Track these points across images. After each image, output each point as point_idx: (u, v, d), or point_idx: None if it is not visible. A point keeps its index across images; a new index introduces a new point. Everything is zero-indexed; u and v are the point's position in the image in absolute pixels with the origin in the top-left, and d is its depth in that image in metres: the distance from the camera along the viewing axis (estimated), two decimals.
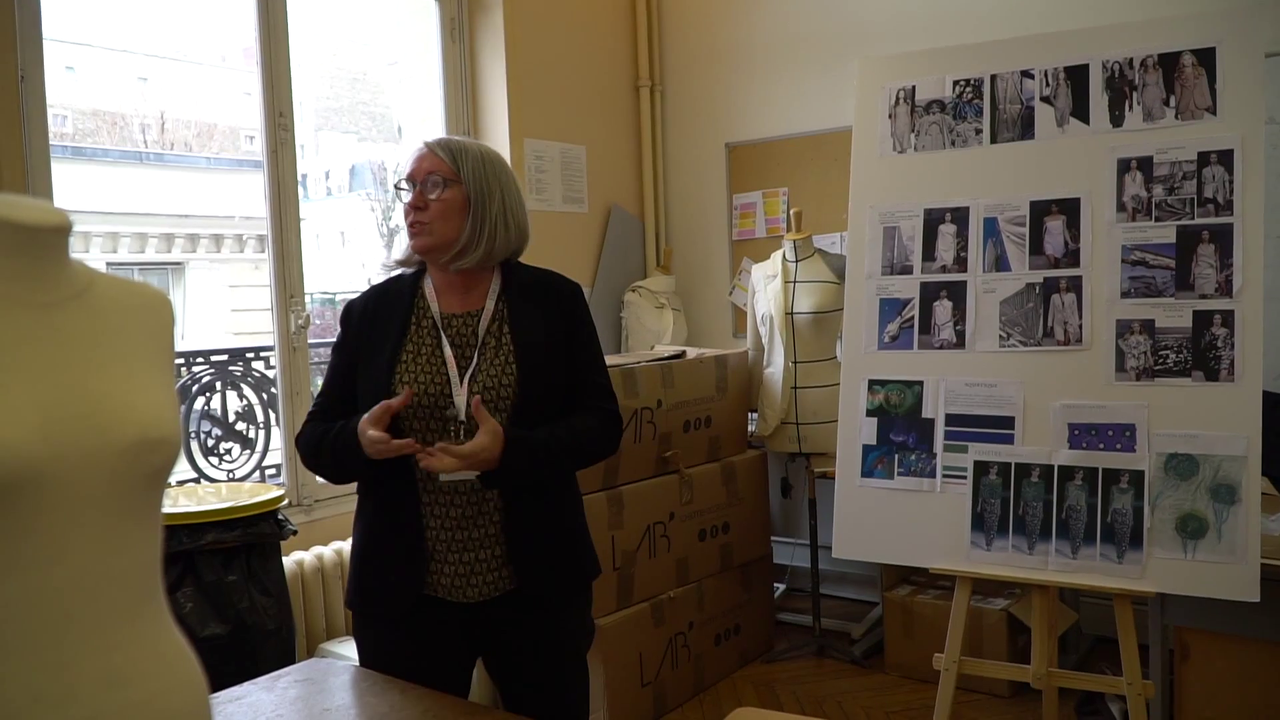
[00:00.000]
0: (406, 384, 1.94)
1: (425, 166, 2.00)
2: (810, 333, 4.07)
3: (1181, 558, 2.50)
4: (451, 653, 2.04)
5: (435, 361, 1.98)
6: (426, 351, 1.99)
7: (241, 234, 9.33)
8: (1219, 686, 2.67)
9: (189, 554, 2.79)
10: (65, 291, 1.11)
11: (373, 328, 2.04)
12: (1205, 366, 2.55)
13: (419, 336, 2.01)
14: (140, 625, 1.12)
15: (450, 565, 1.97)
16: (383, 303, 2.07)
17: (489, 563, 1.97)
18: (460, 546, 1.96)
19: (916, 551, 2.82)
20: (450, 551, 1.96)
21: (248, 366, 3.87)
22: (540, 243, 4.76)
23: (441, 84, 4.54)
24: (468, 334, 2.01)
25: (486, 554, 1.97)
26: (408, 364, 1.97)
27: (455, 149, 2.02)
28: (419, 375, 1.96)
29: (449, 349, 1.98)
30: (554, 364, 2.02)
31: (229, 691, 1.85)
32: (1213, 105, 2.62)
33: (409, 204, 2.00)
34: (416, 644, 1.99)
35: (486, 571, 1.97)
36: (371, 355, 2.01)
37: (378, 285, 2.14)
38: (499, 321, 2.02)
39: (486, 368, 1.97)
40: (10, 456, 0.98)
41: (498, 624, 2.02)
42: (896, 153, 2.99)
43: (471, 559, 1.97)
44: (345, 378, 2.06)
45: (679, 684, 3.77)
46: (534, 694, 2.04)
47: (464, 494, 1.96)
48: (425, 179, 1.99)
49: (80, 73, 8.96)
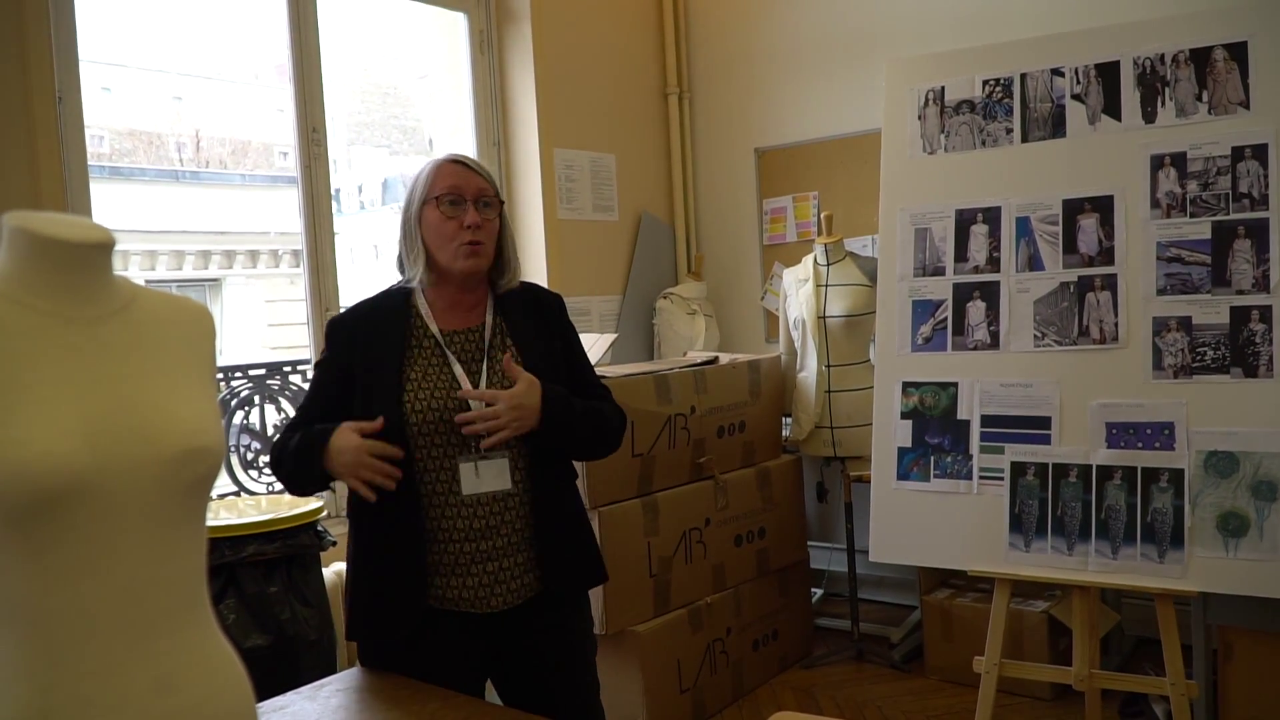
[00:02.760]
0: (420, 402, 1.93)
1: (476, 184, 1.99)
2: (843, 336, 4.06)
3: (1223, 556, 2.48)
4: (465, 668, 2.01)
5: (445, 378, 1.96)
6: (435, 370, 1.97)
7: (277, 249, 9.41)
8: (1263, 685, 2.64)
9: (231, 566, 2.82)
10: (109, 306, 1.14)
11: (369, 347, 1.99)
12: (1244, 363, 2.52)
13: (422, 355, 1.98)
14: (187, 632, 1.14)
15: (473, 577, 1.95)
16: (374, 321, 2.03)
17: (512, 570, 1.98)
18: (484, 557, 1.95)
19: (954, 554, 2.80)
20: (473, 563, 1.95)
21: (285, 380, 3.91)
22: (571, 252, 4.82)
23: (471, 96, 4.57)
24: (472, 349, 2.02)
25: (510, 561, 1.98)
26: (416, 382, 1.95)
27: (487, 172, 2.04)
28: (433, 391, 1.94)
29: (457, 365, 1.98)
30: (558, 373, 2.06)
31: (272, 701, 1.87)
32: (1246, 99, 2.60)
33: (469, 222, 1.96)
34: (430, 662, 1.97)
35: (510, 579, 1.98)
36: (373, 374, 1.96)
37: (364, 302, 2.09)
38: (500, 335, 2.04)
39: (501, 380, 1.98)
40: (57, 467, 1.01)
41: (518, 631, 2.02)
42: (927, 154, 2.99)
43: (495, 568, 1.96)
44: (330, 395, 2.00)
45: (718, 690, 3.76)
46: (551, 702, 2.02)
47: (485, 504, 1.95)
48: (477, 196, 1.99)
49: (116, 93, 9.09)
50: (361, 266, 9.57)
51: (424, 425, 1.92)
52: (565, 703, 2.04)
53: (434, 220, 1.99)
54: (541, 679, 2.05)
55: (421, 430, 1.92)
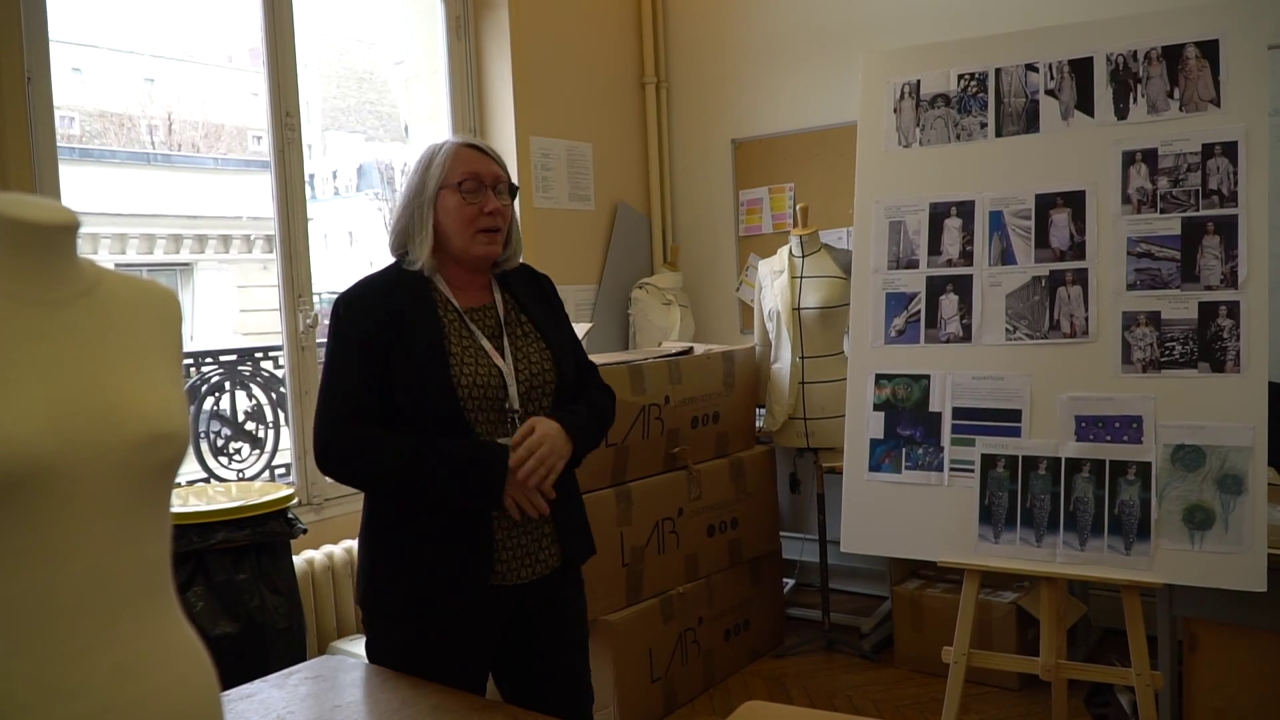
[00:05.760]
0: (466, 376, 1.93)
1: (494, 170, 2.02)
2: (817, 328, 4.07)
3: (1189, 549, 2.50)
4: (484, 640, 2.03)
5: (479, 353, 1.98)
6: (468, 344, 1.97)
7: (249, 234, 9.34)
8: (1227, 677, 2.67)
9: (199, 553, 2.80)
10: (73, 289, 1.12)
11: (397, 321, 1.95)
12: (1211, 358, 2.55)
13: (453, 330, 1.98)
14: (151, 618, 1.13)
15: (508, 550, 1.99)
16: (393, 296, 1.98)
17: (540, 541, 2.03)
18: (519, 530, 2.00)
19: (924, 545, 2.82)
20: (509, 537, 1.99)
21: (256, 366, 3.88)
22: (547, 241, 4.81)
23: (448, 82, 4.55)
24: (491, 325, 2.04)
25: (537, 533, 2.03)
26: (459, 356, 1.94)
27: (500, 158, 2.07)
28: (476, 366, 1.95)
29: (484, 339, 2.00)
30: (566, 346, 2.13)
31: (240, 689, 1.86)
32: (1217, 97, 2.62)
33: (490, 209, 1.99)
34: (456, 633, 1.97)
35: (539, 551, 2.03)
36: (410, 349, 1.93)
37: (374, 278, 2.04)
38: (514, 311, 2.09)
39: (524, 356, 2.02)
40: (20, 451, 0.99)
41: (539, 603, 2.06)
42: (902, 147, 2.99)
43: (528, 541, 2.01)
44: (373, 374, 1.93)
45: (689, 679, 3.77)
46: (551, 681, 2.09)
47: None
48: (495, 183, 2.02)
49: (87, 74, 8.98)
50: (335, 253, 9.51)
51: (472, 399, 1.94)
52: (561, 682, 2.11)
53: (452, 205, 1.99)
54: (540, 656, 2.10)
55: (469, 405, 1.93)
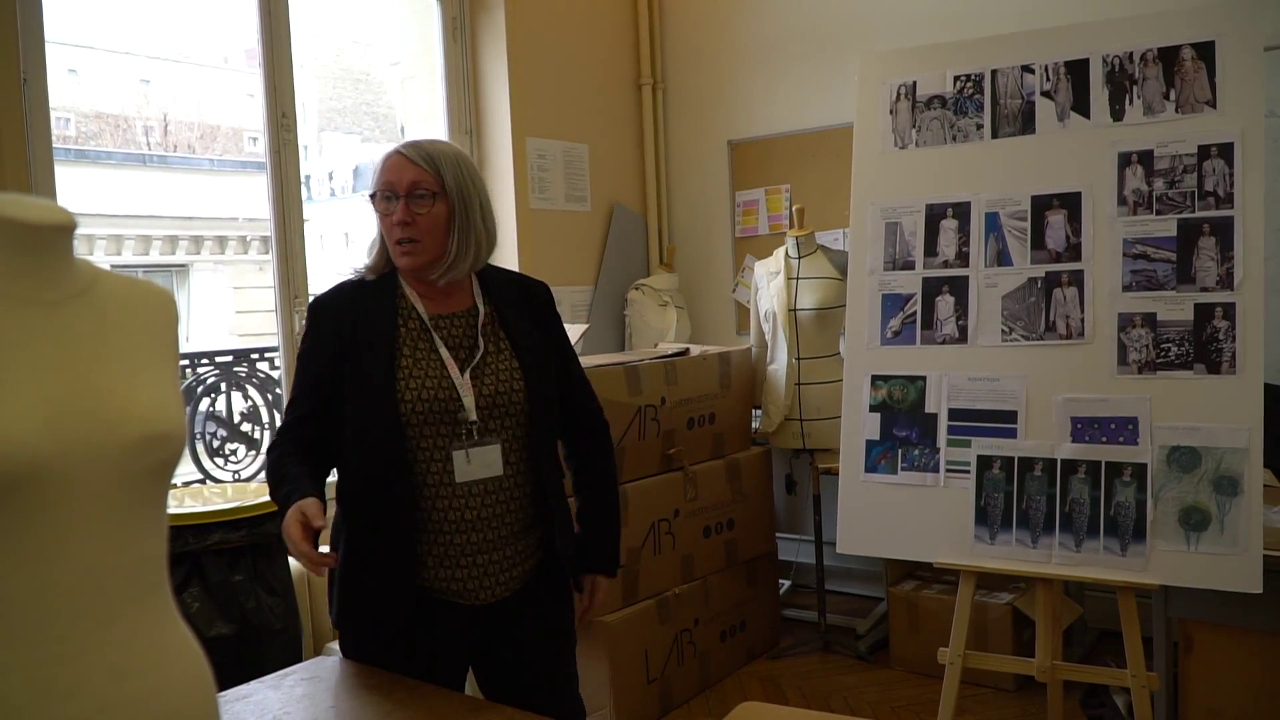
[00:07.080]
0: (411, 391, 1.87)
1: (409, 177, 1.89)
2: (813, 329, 4.07)
3: (1184, 550, 2.51)
4: (448, 658, 1.98)
5: (434, 364, 1.91)
6: (423, 354, 1.91)
7: (245, 235, 9.34)
8: (1223, 678, 2.67)
9: (195, 554, 2.80)
10: (69, 289, 1.12)
11: (355, 329, 1.91)
12: (1207, 359, 2.55)
13: (411, 339, 1.92)
14: (146, 619, 1.13)
15: (464, 569, 1.92)
16: (359, 302, 1.95)
17: (501, 563, 1.95)
18: (474, 549, 1.91)
19: (920, 546, 2.82)
20: (464, 555, 1.91)
21: (252, 367, 3.88)
22: (543, 242, 4.81)
23: (444, 84, 4.54)
24: (461, 334, 1.96)
25: (500, 554, 1.94)
26: (408, 369, 1.89)
27: (435, 156, 1.91)
28: (424, 380, 1.89)
29: (444, 349, 1.92)
30: (549, 363, 2.04)
31: (236, 690, 1.86)
32: (1213, 99, 2.62)
33: (397, 220, 1.88)
34: (414, 651, 1.93)
35: (500, 572, 1.95)
36: (361, 359, 1.89)
37: (347, 283, 2.01)
38: (492, 323, 2.00)
39: (491, 368, 1.94)
40: (16, 452, 0.99)
41: (504, 624, 2.00)
42: (898, 148, 2.99)
43: (485, 561, 1.93)
44: (323, 384, 1.93)
45: (685, 680, 3.77)
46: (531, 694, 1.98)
47: (478, 495, 1.91)
48: (410, 190, 1.89)
49: (83, 75, 8.98)
50: (332, 254, 9.51)
51: (416, 414, 1.87)
52: (546, 695, 2.01)
53: (378, 216, 1.95)
54: (523, 671, 2.03)
55: (414, 420, 1.87)
